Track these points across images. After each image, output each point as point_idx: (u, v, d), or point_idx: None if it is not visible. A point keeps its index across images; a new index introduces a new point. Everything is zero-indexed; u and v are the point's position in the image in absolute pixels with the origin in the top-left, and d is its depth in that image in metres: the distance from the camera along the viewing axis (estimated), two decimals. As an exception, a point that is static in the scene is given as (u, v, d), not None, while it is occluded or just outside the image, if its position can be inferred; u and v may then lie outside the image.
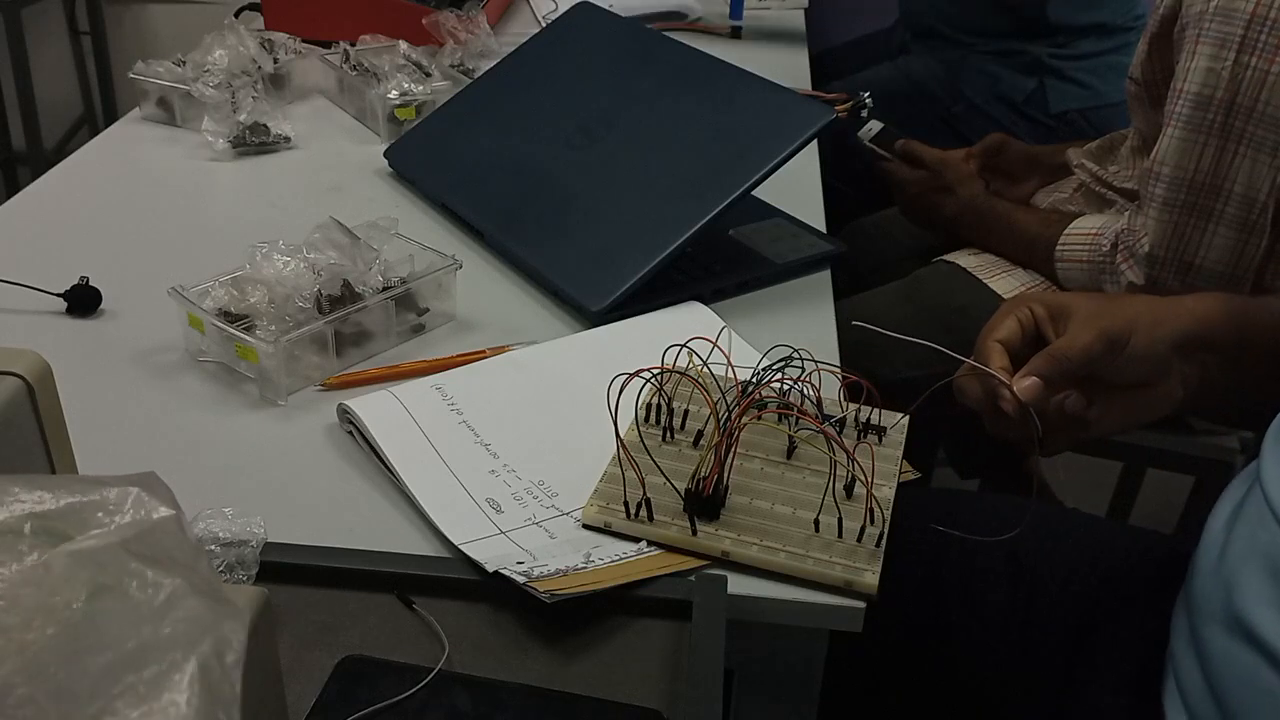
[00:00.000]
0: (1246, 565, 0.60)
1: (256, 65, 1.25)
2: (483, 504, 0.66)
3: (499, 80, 1.13)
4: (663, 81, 1.00)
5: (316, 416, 0.76)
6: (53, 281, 0.88)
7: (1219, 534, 0.65)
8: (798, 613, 0.61)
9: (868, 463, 0.65)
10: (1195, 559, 0.67)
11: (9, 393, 0.45)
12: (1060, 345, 0.67)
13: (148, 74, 1.24)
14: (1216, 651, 0.61)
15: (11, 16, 2.33)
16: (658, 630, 0.60)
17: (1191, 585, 0.66)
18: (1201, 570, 0.65)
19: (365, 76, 1.25)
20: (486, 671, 0.57)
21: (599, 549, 0.63)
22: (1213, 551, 0.64)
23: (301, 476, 0.70)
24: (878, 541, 0.62)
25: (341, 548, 0.63)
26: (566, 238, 0.93)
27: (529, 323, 0.88)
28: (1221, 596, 0.62)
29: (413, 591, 0.61)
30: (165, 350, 0.83)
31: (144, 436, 0.74)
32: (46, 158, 2.50)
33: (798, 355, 0.70)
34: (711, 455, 0.63)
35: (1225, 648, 0.60)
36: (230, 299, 0.79)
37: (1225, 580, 0.62)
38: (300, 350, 0.78)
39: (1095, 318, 0.68)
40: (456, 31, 1.38)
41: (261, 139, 1.17)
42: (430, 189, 1.07)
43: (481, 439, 0.72)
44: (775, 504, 0.65)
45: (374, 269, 0.82)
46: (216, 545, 0.58)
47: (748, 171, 0.89)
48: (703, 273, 0.93)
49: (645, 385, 0.69)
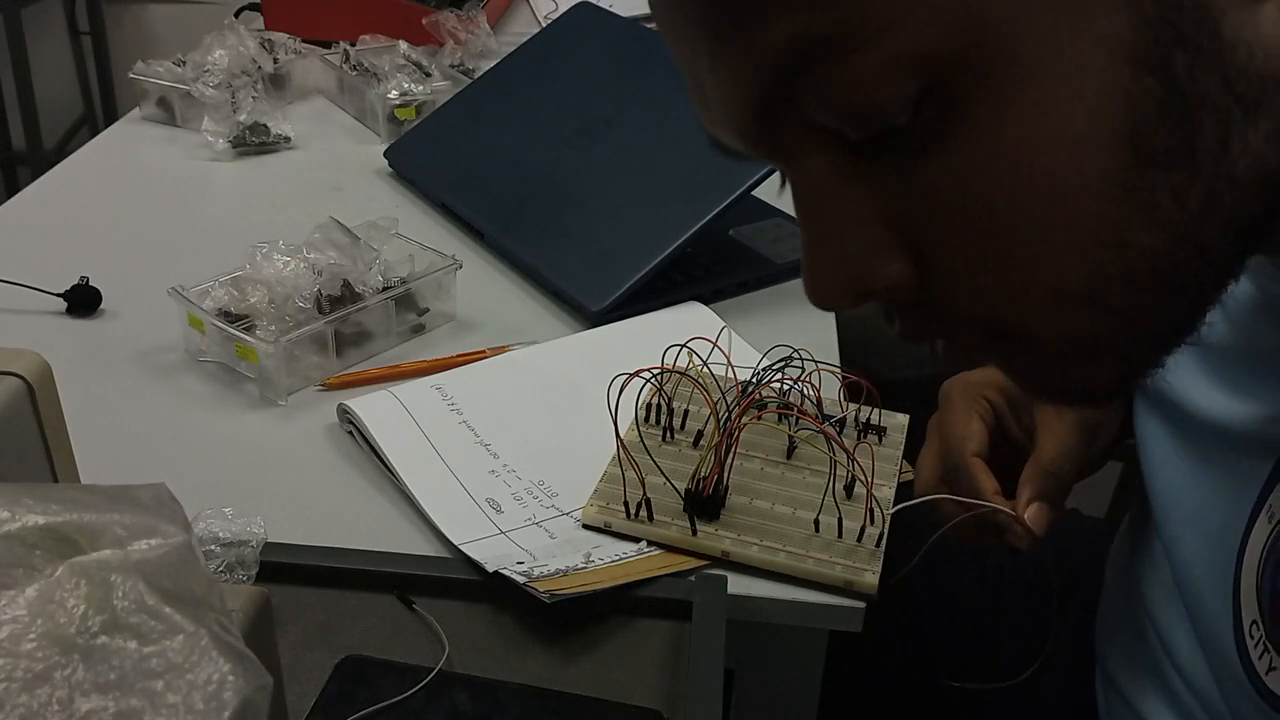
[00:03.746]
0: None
1: (256, 65, 1.25)
2: (483, 504, 0.66)
3: (499, 80, 1.13)
4: (663, 81, 1.00)
5: (316, 416, 0.76)
6: (53, 281, 0.88)
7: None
8: (798, 613, 0.61)
9: (868, 463, 0.65)
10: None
11: (9, 393, 0.45)
12: (1048, 459, 0.64)
13: (148, 74, 1.24)
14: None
15: (11, 16, 2.33)
16: (658, 630, 0.60)
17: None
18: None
19: (365, 76, 1.25)
20: (486, 671, 0.57)
21: (599, 549, 0.63)
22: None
23: (301, 476, 0.70)
24: (878, 541, 0.62)
25: (341, 548, 0.63)
26: (566, 238, 0.93)
27: (529, 323, 0.88)
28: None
29: (413, 591, 0.61)
30: (165, 350, 0.83)
31: (144, 436, 0.74)
32: (46, 158, 2.50)
33: (798, 355, 0.70)
34: (711, 455, 0.63)
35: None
36: (230, 299, 0.79)
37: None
38: (300, 350, 0.78)
39: (1062, 411, 0.65)
40: (456, 31, 1.38)
41: (261, 139, 1.17)
42: (430, 189, 1.07)
43: (481, 439, 0.72)
44: (775, 504, 0.65)
45: (374, 269, 0.82)
46: (216, 545, 0.58)
47: (748, 171, 0.89)
48: (703, 273, 0.93)
49: (645, 385, 0.69)
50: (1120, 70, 0.33)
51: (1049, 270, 0.36)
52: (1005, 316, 0.38)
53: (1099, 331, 0.37)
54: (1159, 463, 0.58)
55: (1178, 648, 0.58)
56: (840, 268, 0.38)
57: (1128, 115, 0.33)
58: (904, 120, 0.35)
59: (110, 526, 0.35)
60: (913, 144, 0.35)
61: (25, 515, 0.34)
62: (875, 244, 0.38)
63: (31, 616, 0.32)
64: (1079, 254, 0.35)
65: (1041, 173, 0.34)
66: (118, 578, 0.33)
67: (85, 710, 0.31)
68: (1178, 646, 0.58)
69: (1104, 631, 0.69)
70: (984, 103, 0.34)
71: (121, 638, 0.33)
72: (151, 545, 0.35)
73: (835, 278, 0.39)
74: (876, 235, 0.38)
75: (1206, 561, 0.52)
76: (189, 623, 0.34)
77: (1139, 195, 0.34)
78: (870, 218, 0.38)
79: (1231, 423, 0.50)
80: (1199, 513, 0.53)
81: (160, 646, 0.33)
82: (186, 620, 0.34)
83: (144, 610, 0.33)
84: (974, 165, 0.35)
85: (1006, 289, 0.37)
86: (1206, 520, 0.52)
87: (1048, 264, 0.36)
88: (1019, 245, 0.36)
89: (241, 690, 0.33)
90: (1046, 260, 0.36)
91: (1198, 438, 0.54)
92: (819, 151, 0.37)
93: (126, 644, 0.33)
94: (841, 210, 0.38)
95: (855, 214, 0.38)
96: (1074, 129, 0.33)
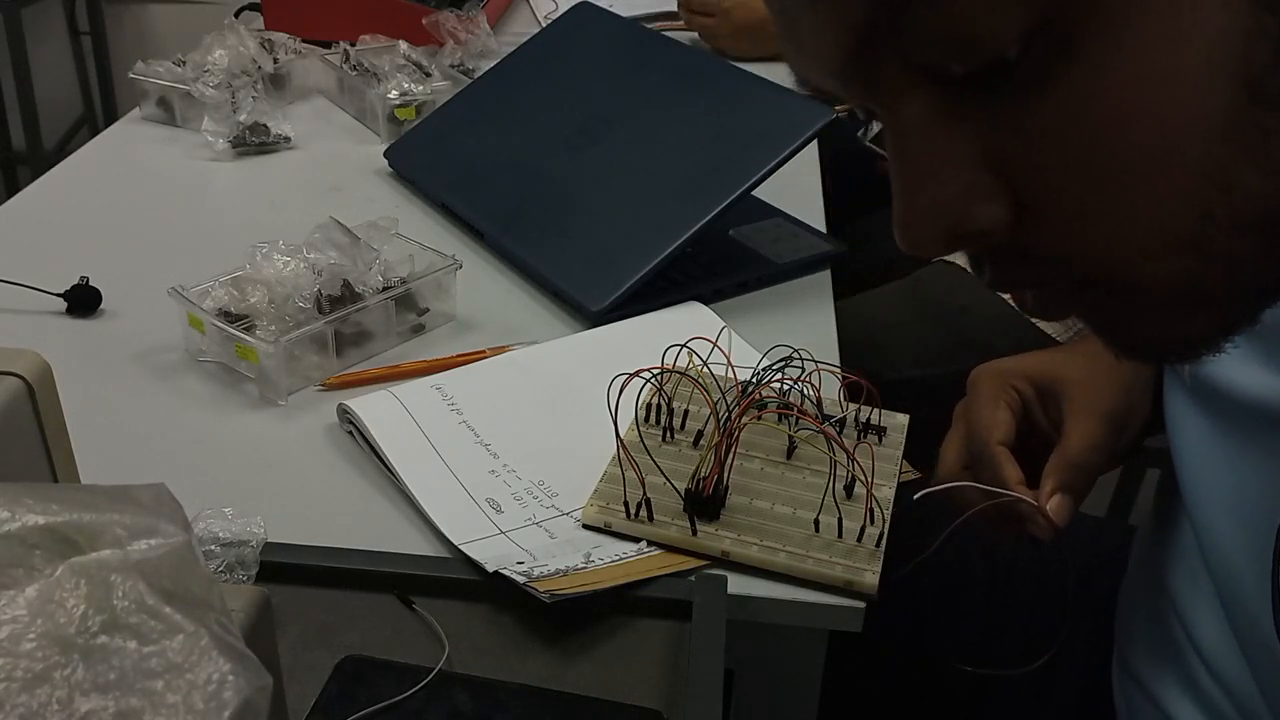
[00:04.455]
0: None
1: (256, 65, 1.25)
2: (483, 504, 0.66)
3: (499, 80, 1.13)
4: (663, 81, 1.00)
5: (316, 416, 0.76)
6: (53, 281, 0.88)
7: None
8: (798, 613, 0.61)
9: (868, 463, 0.65)
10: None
11: (9, 393, 0.45)
12: (1074, 451, 0.64)
13: (148, 74, 1.24)
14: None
15: (11, 16, 2.33)
16: (658, 630, 0.60)
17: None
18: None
19: (365, 76, 1.25)
20: (486, 671, 0.57)
21: (599, 549, 0.63)
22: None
23: (301, 476, 0.70)
24: (878, 541, 0.62)
25: (341, 548, 0.63)
26: (566, 238, 0.93)
27: (529, 323, 0.88)
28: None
29: (413, 591, 0.61)
30: (165, 350, 0.83)
31: (144, 436, 0.74)
32: (46, 158, 2.50)
33: (798, 355, 0.70)
34: (711, 455, 0.63)
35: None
36: (230, 299, 0.79)
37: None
38: (300, 350, 0.78)
39: (1092, 402, 0.65)
40: (456, 31, 1.38)
41: (261, 139, 1.17)
42: (430, 189, 1.07)
43: (481, 439, 0.72)
44: (775, 504, 0.65)
45: (374, 269, 0.82)
46: (216, 545, 0.58)
47: (748, 171, 0.89)
48: (703, 273, 0.93)
49: (645, 385, 0.69)
50: (1238, 7, 0.32)
51: (1154, 213, 0.35)
52: (1105, 262, 0.36)
53: (1199, 279, 0.36)
54: (1192, 449, 0.57)
55: (1203, 635, 0.57)
56: (937, 212, 0.37)
57: (1244, 54, 0.32)
58: (1012, 53, 0.34)
59: (110, 526, 0.35)
60: (1018, 82, 0.34)
61: (25, 515, 0.34)
62: (973, 187, 0.37)
63: (31, 616, 0.32)
64: (1186, 196, 0.34)
65: (1153, 111, 0.33)
66: (118, 578, 0.33)
67: (85, 710, 0.31)
68: (1203, 634, 0.57)
69: (1123, 620, 0.69)
70: (1097, 38, 0.33)
71: (121, 638, 0.33)
72: (151, 545, 0.35)
73: (932, 222, 0.38)
74: (975, 178, 0.37)
75: (1243, 547, 0.51)
76: (189, 623, 0.33)
77: (1249, 136, 0.33)
78: (968, 160, 0.37)
79: (1272, 400, 0.50)
80: (1235, 497, 0.53)
81: (160, 646, 0.33)
82: (186, 620, 0.33)
83: (144, 610, 0.33)
84: (1083, 103, 0.34)
85: (1109, 233, 0.36)
86: (1242, 504, 0.52)
87: (1153, 206, 0.35)
88: (1125, 187, 0.35)
89: (241, 690, 0.33)
90: (1152, 202, 0.35)
91: (1235, 418, 0.53)
92: (918, 91, 0.36)
93: (126, 644, 0.33)
94: (939, 152, 0.37)
95: (953, 156, 0.37)
96: (1189, 66, 0.33)
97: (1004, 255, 0.39)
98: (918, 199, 0.38)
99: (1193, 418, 0.57)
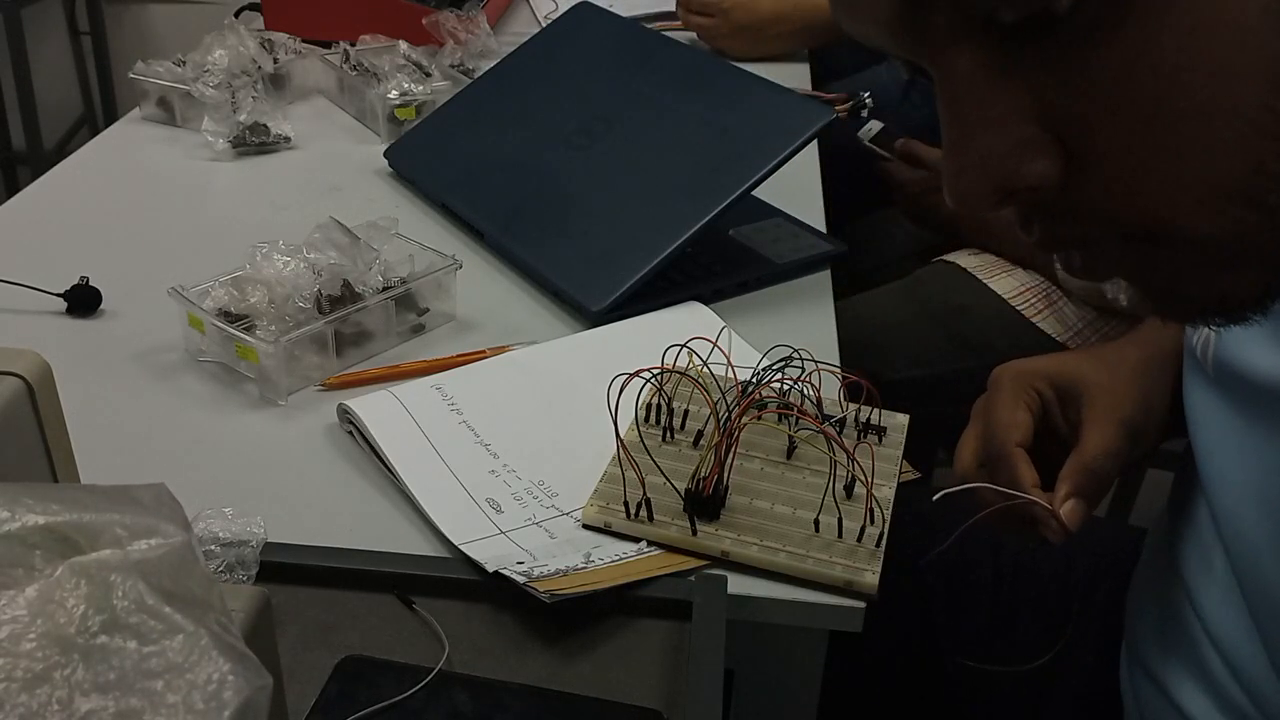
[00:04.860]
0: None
1: (256, 65, 1.25)
2: (483, 504, 0.66)
3: (499, 80, 1.13)
4: (663, 81, 1.00)
5: (316, 416, 0.76)
6: (53, 281, 0.88)
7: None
8: (798, 613, 0.61)
9: (868, 463, 0.65)
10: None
11: (9, 393, 0.45)
12: (1091, 456, 0.63)
13: (148, 74, 1.24)
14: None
15: (11, 16, 2.33)
16: (658, 630, 0.60)
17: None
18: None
19: (365, 76, 1.25)
20: (486, 671, 0.57)
21: (599, 549, 0.63)
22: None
23: (301, 476, 0.70)
24: (878, 541, 0.62)
25: (341, 548, 0.63)
26: (566, 238, 0.93)
27: (529, 323, 0.88)
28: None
29: (413, 591, 0.61)
30: (165, 350, 0.83)
31: (144, 436, 0.74)
32: (46, 158, 2.50)
33: (798, 355, 0.70)
34: (711, 455, 0.63)
35: None
36: (230, 299, 0.79)
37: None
38: (300, 350, 0.78)
39: (1111, 408, 0.65)
40: (456, 31, 1.38)
41: (261, 139, 1.17)
42: (430, 189, 1.07)
43: (481, 439, 0.72)
44: (775, 504, 0.65)
45: (374, 269, 0.82)
46: (216, 545, 0.58)
47: (748, 171, 0.89)
48: (703, 273, 0.93)
49: (645, 385, 0.69)
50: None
51: (1206, 163, 0.35)
52: (1158, 215, 0.36)
53: (1251, 233, 0.36)
54: (1214, 440, 0.57)
55: (1219, 625, 0.58)
56: (987, 166, 0.37)
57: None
58: (1065, 2, 0.33)
59: (110, 526, 0.35)
60: (1072, 33, 0.34)
61: (25, 515, 0.34)
62: (1024, 141, 0.36)
63: (31, 616, 0.32)
64: (1240, 147, 0.34)
65: (1209, 62, 0.33)
66: (118, 578, 0.33)
67: (85, 710, 0.31)
68: (1219, 624, 0.58)
69: (1134, 613, 0.69)
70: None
71: (121, 638, 0.33)
72: (151, 545, 0.35)
73: (982, 177, 0.37)
74: (1025, 131, 0.36)
75: (1269, 535, 0.51)
76: (189, 623, 0.33)
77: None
78: (1019, 114, 0.36)
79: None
80: (1261, 486, 0.53)
81: (160, 646, 0.33)
82: (186, 620, 0.33)
83: (144, 610, 0.33)
84: (1138, 54, 0.34)
85: (1162, 185, 0.35)
86: (1267, 492, 0.52)
87: (1208, 157, 0.35)
88: (1180, 138, 0.34)
89: (241, 690, 0.33)
90: (1204, 153, 0.35)
91: (1259, 404, 0.53)
92: (968, 44, 0.36)
93: (126, 644, 0.33)
94: (989, 106, 0.36)
95: (1004, 109, 0.36)
96: (1247, 15, 0.33)
97: (1052, 212, 0.39)
98: (967, 154, 0.37)
99: (1215, 408, 0.57)
